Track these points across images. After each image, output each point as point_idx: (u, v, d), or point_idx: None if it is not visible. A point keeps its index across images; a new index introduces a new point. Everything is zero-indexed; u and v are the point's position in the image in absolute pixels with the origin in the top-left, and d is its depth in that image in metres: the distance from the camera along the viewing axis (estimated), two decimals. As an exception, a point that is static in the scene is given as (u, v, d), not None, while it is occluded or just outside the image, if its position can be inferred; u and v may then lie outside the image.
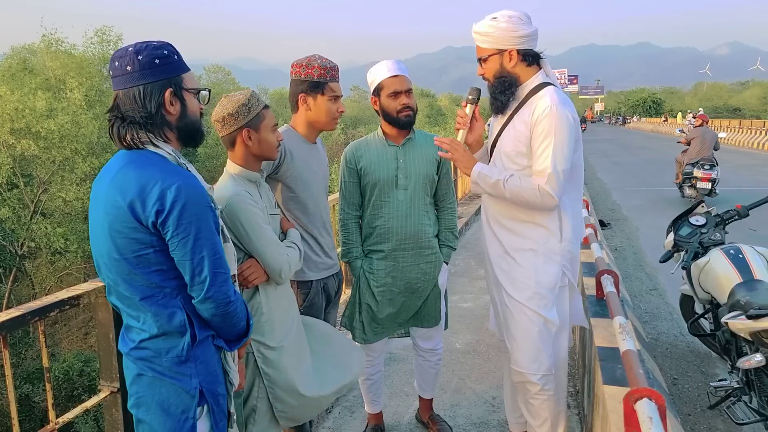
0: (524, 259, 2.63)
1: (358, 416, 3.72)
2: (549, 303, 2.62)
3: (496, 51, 2.56)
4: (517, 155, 2.57)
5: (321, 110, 2.66)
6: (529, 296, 2.61)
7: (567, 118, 2.46)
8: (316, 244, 2.72)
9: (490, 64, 2.60)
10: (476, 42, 2.61)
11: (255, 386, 2.32)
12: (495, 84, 2.59)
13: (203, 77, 51.57)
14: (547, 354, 2.63)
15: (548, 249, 2.61)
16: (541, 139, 2.47)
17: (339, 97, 2.70)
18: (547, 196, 2.46)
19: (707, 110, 56.20)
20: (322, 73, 2.62)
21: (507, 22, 2.51)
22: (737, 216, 4.25)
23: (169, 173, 1.64)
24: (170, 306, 1.71)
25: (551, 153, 2.44)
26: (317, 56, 2.68)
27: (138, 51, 1.69)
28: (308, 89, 2.63)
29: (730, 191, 13.25)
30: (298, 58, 2.69)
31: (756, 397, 3.33)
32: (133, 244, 1.64)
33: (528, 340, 2.63)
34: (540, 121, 2.46)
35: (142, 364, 1.73)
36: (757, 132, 31.07)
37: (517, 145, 2.56)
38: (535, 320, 2.62)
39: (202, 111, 1.85)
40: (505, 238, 2.69)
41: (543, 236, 2.61)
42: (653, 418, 1.70)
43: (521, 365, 2.67)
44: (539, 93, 2.55)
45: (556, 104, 2.46)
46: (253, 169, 2.33)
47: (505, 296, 2.70)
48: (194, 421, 1.75)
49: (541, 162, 2.47)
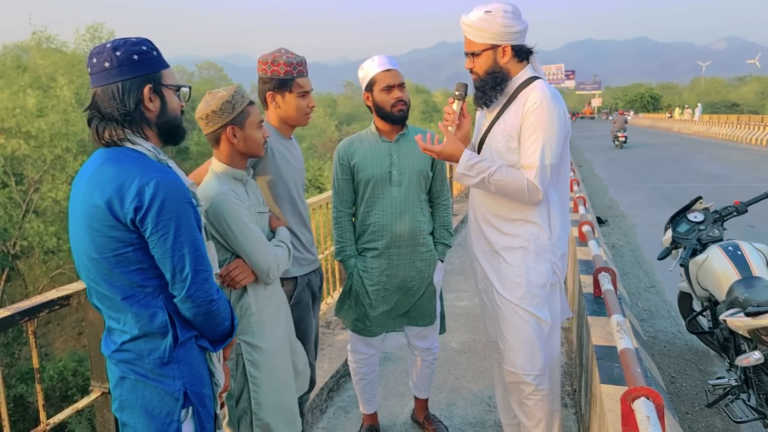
0: (514, 258, 2.60)
1: (352, 417, 3.68)
2: (541, 302, 2.59)
3: (490, 46, 2.50)
4: (508, 151, 2.52)
5: (290, 107, 2.62)
6: (521, 296, 2.58)
7: (558, 113, 2.44)
8: (296, 240, 2.68)
9: (482, 59, 2.53)
10: (467, 35, 2.54)
11: (245, 388, 2.28)
12: (486, 79, 2.53)
13: (195, 74, 51.50)
14: (541, 353, 2.60)
15: (539, 246, 2.58)
16: (530, 132, 2.43)
17: (308, 92, 2.65)
18: (534, 190, 2.44)
19: (705, 105, 56.36)
20: (289, 70, 2.57)
21: (503, 17, 2.45)
22: (735, 212, 4.22)
23: (147, 169, 1.61)
24: (151, 306, 1.67)
25: (540, 147, 2.41)
26: (283, 51, 2.61)
27: (116, 47, 1.66)
28: (275, 87, 2.59)
29: (729, 187, 13.26)
30: (264, 54, 2.63)
31: (754, 395, 3.30)
32: (112, 243, 1.60)
33: (521, 340, 2.60)
34: (530, 114, 2.43)
35: (124, 367, 1.70)
36: (755, 127, 31.10)
37: (508, 140, 2.52)
38: (527, 320, 2.58)
39: (183, 108, 1.81)
40: (494, 236, 2.65)
41: (533, 233, 2.58)
42: (651, 417, 1.68)
43: (515, 366, 2.63)
44: (529, 87, 2.51)
45: (548, 98, 2.43)
46: (239, 167, 2.29)
47: (496, 296, 2.66)
48: (179, 424, 1.71)
49: (530, 155, 2.43)
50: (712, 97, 76.49)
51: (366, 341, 3.19)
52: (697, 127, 40.77)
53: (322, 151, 36.78)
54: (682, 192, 13.07)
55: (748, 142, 29.96)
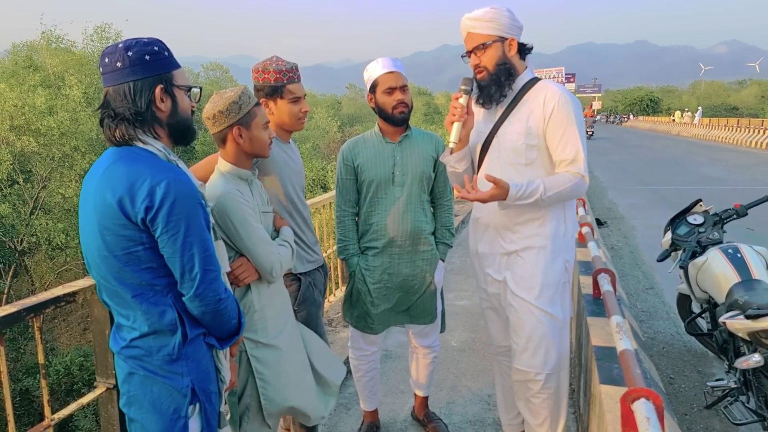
0: (533, 257, 2.60)
1: (353, 413, 3.71)
2: (555, 300, 2.61)
3: (498, 38, 2.53)
4: (528, 149, 2.53)
5: (283, 113, 2.67)
6: (537, 294, 2.59)
7: (577, 107, 2.51)
8: (299, 239, 2.71)
9: (492, 52, 2.53)
10: (474, 30, 2.54)
11: (248, 385, 2.30)
12: (496, 72, 2.53)
13: (201, 75, 51.55)
14: (554, 352, 2.62)
15: (556, 245, 2.61)
16: (562, 128, 2.47)
17: (300, 98, 2.68)
18: (582, 182, 2.48)
19: (705, 109, 56.38)
20: (278, 77, 2.62)
21: (507, 11, 2.52)
22: (735, 215, 4.24)
23: (158, 169, 1.63)
24: (161, 304, 1.69)
25: (576, 139, 2.46)
26: (274, 59, 2.68)
27: (128, 47, 1.68)
28: (267, 94, 2.65)
29: (729, 190, 13.27)
30: (256, 63, 2.70)
31: (753, 398, 3.31)
32: (122, 242, 1.63)
33: (535, 339, 2.61)
34: (557, 111, 2.47)
35: (133, 363, 1.72)
36: (755, 131, 31.10)
37: (527, 138, 2.52)
38: (542, 318, 2.59)
39: (193, 108, 1.84)
40: (514, 237, 2.64)
41: (553, 232, 2.60)
42: (651, 418, 1.68)
43: (529, 365, 2.64)
44: (538, 86, 2.56)
45: (566, 94, 2.50)
46: (244, 166, 2.31)
47: (510, 296, 2.66)
48: (186, 420, 1.74)
49: (569, 150, 2.47)
50: (712, 101, 76.38)
51: (367, 338, 3.22)
52: (696, 130, 40.79)
53: (325, 152, 36.78)
54: (682, 194, 13.07)
55: (747, 145, 29.96)
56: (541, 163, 2.56)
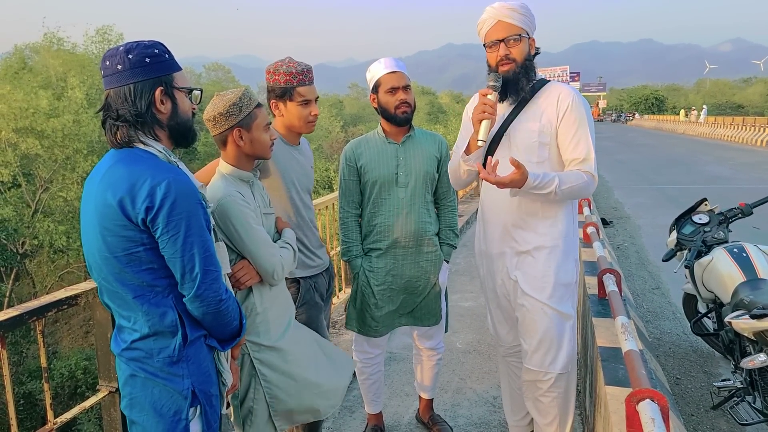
0: (544, 257, 2.60)
1: (357, 416, 3.70)
2: (567, 299, 2.62)
3: (526, 33, 2.54)
4: (540, 146, 2.54)
5: (292, 116, 2.65)
6: (549, 294, 2.59)
7: (588, 108, 2.55)
8: (301, 243, 2.70)
9: (523, 45, 2.52)
10: (509, 20, 2.48)
11: (251, 387, 2.29)
12: (524, 65, 2.52)
13: (203, 75, 51.69)
14: (565, 351, 2.62)
15: (567, 244, 2.62)
16: (575, 128, 2.50)
17: (310, 101, 2.66)
18: (592, 181, 2.50)
19: (710, 107, 56.21)
20: (288, 79, 2.60)
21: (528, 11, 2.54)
22: (741, 214, 4.21)
23: (159, 170, 1.63)
24: (162, 305, 1.69)
25: (588, 139, 2.50)
26: (286, 60, 2.65)
27: (128, 50, 1.69)
28: (277, 96, 2.64)
29: (734, 189, 13.22)
30: (270, 63, 2.68)
31: (760, 398, 3.30)
32: (123, 242, 1.63)
33: (548, 339, 2.60)
34: (571, 110, 2.50)
35: (134, 365, 1.72)
36: (760, 129, 31.00)
37: (541, 136, 2.53)
38: (554, 318, 2.59)
39: (194, 110, 1.84)
40: (526, 236, 2.63)
41: (563, 231, 2.61)
42: (656, 419, 1.68)
43: (540, 365, 2.63)
44: (549, 86, 2.59)
45: (578, 95, 2.53)
46: (245, 168, 2.30)
47: (521, 296, 2.65)
48: (187, 422, 1.73)
49: (581, 149, 2.49)
50: (717, 99, 76.15)
51: (371, 341, 3.20)
52: (702, 128, 40.68)
53: (328, 152, 36.87)
54: (687, 194, 13.04)
55: (753, 143, 29.87)
56: (551, 163, 2.56)
